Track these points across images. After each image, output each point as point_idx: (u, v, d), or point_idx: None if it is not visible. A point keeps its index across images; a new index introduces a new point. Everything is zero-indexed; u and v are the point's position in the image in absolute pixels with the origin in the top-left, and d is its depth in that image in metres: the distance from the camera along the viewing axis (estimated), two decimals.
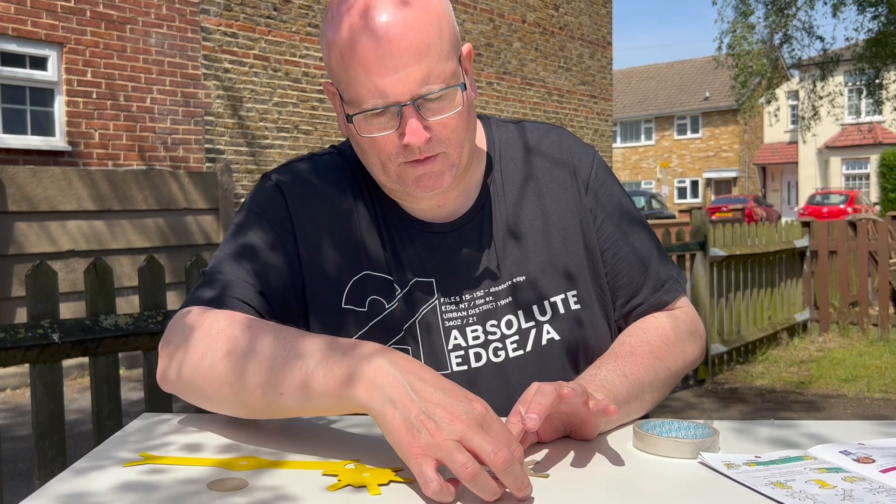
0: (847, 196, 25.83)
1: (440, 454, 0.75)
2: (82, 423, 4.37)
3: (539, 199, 1.16)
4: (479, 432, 0.76)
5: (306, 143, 9.40)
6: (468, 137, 1.05)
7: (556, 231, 1.14)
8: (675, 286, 1.19)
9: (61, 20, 7.25)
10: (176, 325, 0.99)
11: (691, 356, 1.16)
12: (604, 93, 14.92)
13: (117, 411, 2.27)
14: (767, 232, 6.27)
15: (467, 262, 1.11)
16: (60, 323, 2.11)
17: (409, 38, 0.96)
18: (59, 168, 6.48)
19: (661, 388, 1.09)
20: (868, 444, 0.90)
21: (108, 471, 0.83)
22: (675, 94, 38.13)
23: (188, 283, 2.43)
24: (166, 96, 8.09)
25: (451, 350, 1.09)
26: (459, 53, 1.04)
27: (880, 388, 5.05)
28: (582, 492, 0.78)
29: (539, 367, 1.10)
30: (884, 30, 14.14)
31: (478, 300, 1.10)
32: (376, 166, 1.05)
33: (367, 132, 1.01)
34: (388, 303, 1.09)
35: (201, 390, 0.94)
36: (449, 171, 1.04)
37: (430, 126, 1.00)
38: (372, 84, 0.97)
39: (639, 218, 1.21)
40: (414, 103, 0.97)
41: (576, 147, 1.20)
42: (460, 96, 1.01)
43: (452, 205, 1.13)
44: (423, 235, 1.11)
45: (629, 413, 1.01)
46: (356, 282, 1.09)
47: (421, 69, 0.96)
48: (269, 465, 0.85)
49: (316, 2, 9.54)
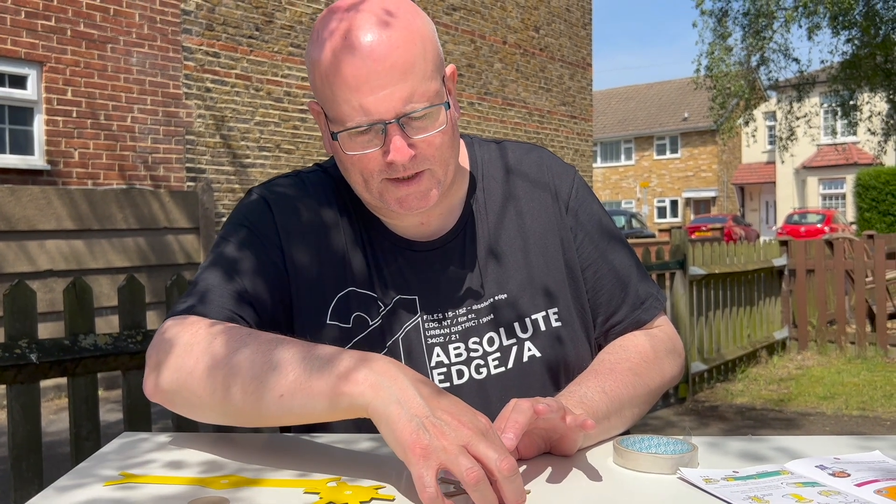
0: (824, 215, 26.15)
1: (444, 458, 0.75)
2: (59, 445, 4.31)
3: (520, 217, 1.17)
4: (484, 440, 0.77)
5: (288, 163, 9.40)
6: (452, 156, 1.07)
7: (537, 249, 1.16)
8: (654, 304, 1.20)
9: (41, 39, 7.23)
10: (161, 335, 0.99)
11: (670, 374, 1.17)
12: (584, 113, 15.05)
13: (95, 432, 2.24)
14: (746, 251, 6.33)
15: (450, 280, 1.12)
16: (38, 343, 2.09)
17: (393, 58, 0.97)
18: (38, 187, 6.43)
19: (640, 404, 1.10)
20: (843, 459, 0.92)
21: (89, 489, 0.83)
22: (654, 115, 38.52)
23: (168, 302, 2.42)
24: (147, 115, 8.06)
25: (434, 367, 1.09)
26: (443, 73, 1.05)
27: (858, 406, 5.09)
28: None
29: (520, 383, 1.11)
30: (857, 52, 14.39)
31: (460, 318, 1.11)
32: (360, 184, 1.05)
33: (352, 150, 1.01)
34: (371, 319, 1.09)
35: (187, 399, 0.94)
36: (435, 188, 1.05)
37: (415, 144, 1.01)
38: (357, 102, 0.98)
39: (619, 236, 1.22)
40: (398, 121, 0.99)
41: (556, 166, 1.21)
42: (444, 115, 1.02)
43: (436, 223, 1.14)
44: (406, 253, 1.12)
45: (609, 429, 1.02)
46: (341, 298, 1.09)
47: (405, 88, 0.98)
48: (249, 484, 0.84)
49: (298, 22, 9.58)
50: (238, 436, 1.03)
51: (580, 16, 14.84)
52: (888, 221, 22.45)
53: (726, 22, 15.37)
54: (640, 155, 38.20)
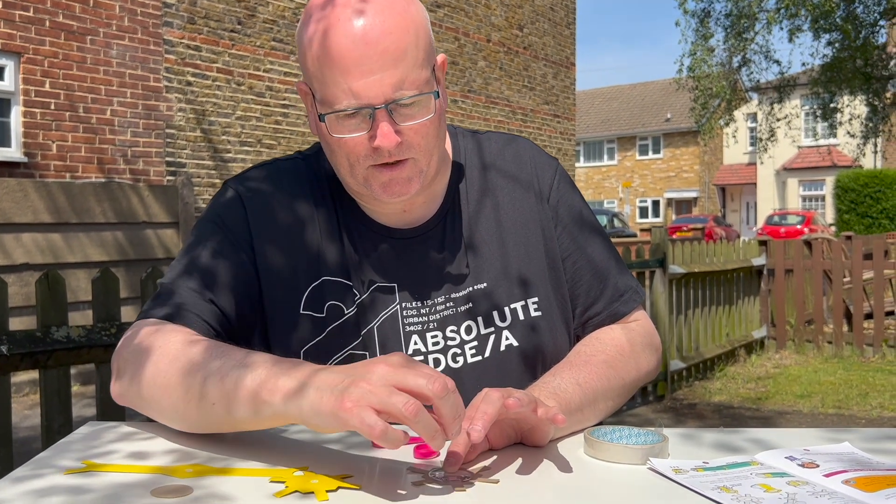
0: (804, 217, 26.39)
1: (375, 400, 0.74)
2: (34, 441, 4.25)
3: (501, 207, 1.17)
4: (407, 371, 0.77)
5: (269, 158, 9.35)
6: (437, 145, 1.06)
7: (517, 239, 1.16)
8: (633, 297, 1.20)
9: (19, 29, 7.14)
10: (128, 339, 1.00)
11: (646, 368, 1.17)
12: (567, 112, 15.09)
13: (68, 426, 2.22)
14: (725, 250, 6.37)
15: (430, 268, 1.12)
16: (10, 334, 2.06)
17: (385, 43, 0.96)
18: (15, 180, 6.35)
19: (614, 397, 1.09)
20: (813, 450, 0.92)
21: (48, 479, 0.81)
22: (636, 115, 38.70)
23: (144, 296, 2.39)
24: (127, 108, 7.99)
25: (411, 355, 1.08)
26: (434, 63, 1.05)
27: (834, 404, 5.14)
28: (532, 497, 0.78)
29: (497, 372, 1.10)
30: (838, 55, 14.53)
31: (438, 306, 1.11)
32: (344, 167, 1.05)
33: (338, 132, 1.01)
34: (347, 308, 1.09)
35: (152, 405, 0.95)
36: (417, 178, 1.04)
37: (402, 131, 1.00)
38: (346, 85, 0.97)
39: (599, 229, 1.22)
40: (387, 107, 0.98)
41: (538, 157, 1.21)
42: (433, 103, 1.02)
43: (418, 211, 1.13)
44: (386, 241, 1.12)
45: (581, 421, 1.02)
46: (315, 288, 1.09)
47: (396, 74, 0.97)
48: (214, 472, 0.83)
49: (281, 16, 9.53)
50: None
51: (564, 15, 14.87)
52: (866, 223, 22.69)
53: (708, 23, 15.44)
54: (622, 155, 38.37)
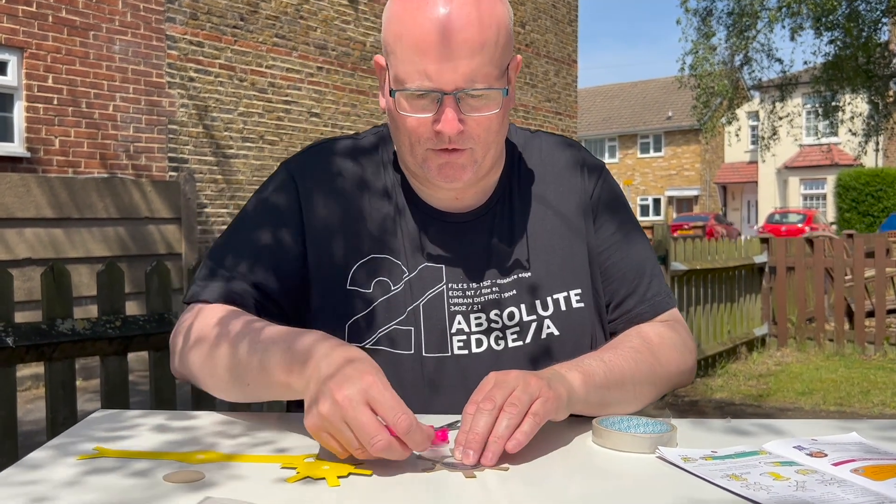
0: (805, 215, 26.36)
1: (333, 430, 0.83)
2: (36, 435, 4.26)
3: (549, 202, 1.20)
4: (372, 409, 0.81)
5: (272, 154, 9.35)
6: (497, 141, 1.09)
7: (563, 232, 1.18)
8: (667, 300, 1.22)
9: (22, 24, 7.13)
10: (182, 322, 1.09)
11: (678, 365, 1.17)
12: (569, 110, 15.08)
13: (72, 419, 2.22)
14: (727, 248, 6.37)
15: (477, 253, 1.15)
16: (15, 327, 2.06)
17: (467, 33, 0.99)
18: (18, 174, 6.35)
19: (646, 383, 1.09)
20: (821, 440, 0.92)
21: (62, 463, 0.81)
22: (638, 114, 38.66)
23: (148, 291, 2.39)
24: (129, 104, 7.99)
25: (454, 334, 1.12)
26: (509, 62, 1.08)
27: (835, 402, 5.14)
28: (541, 485, 0.79)
29: (535, 358, 1.13)
30: (840, 53, 14.50)
31: (484, 289, 1.14)
32: (405, 146, 1.08)
33: (405, 111, 1.04)
34: (394, 284, 1.12)
35: (200, 380, 1.05)
36: (471, 167, 1.08)
37: (465, 120, 1.03)
38: (422, 66, 1.00)
39: (639, 231, 1.25)
40: (455, 94, 1.01)
41: (588, 159, 1.25)
42: (500, 100, 1.05)
43: (470, 199, 1.17)
44: (437, 224, 1.15)
45: (608, 399, 1.02)
46: (361, 265, 1.12)
47: (471, 65, 1.00)
48: (226, 459, 0.84)
49: (283, 12, 9.52)
50: (216, 414, 1.02)
51: (566, 12, 14.86)
52: (868, 222, 22.70)
53: (710, 21, 15.43)
54: (623, 153, 38.34)
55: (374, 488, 0.76)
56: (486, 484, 0.78)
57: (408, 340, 1.10)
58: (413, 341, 1.10)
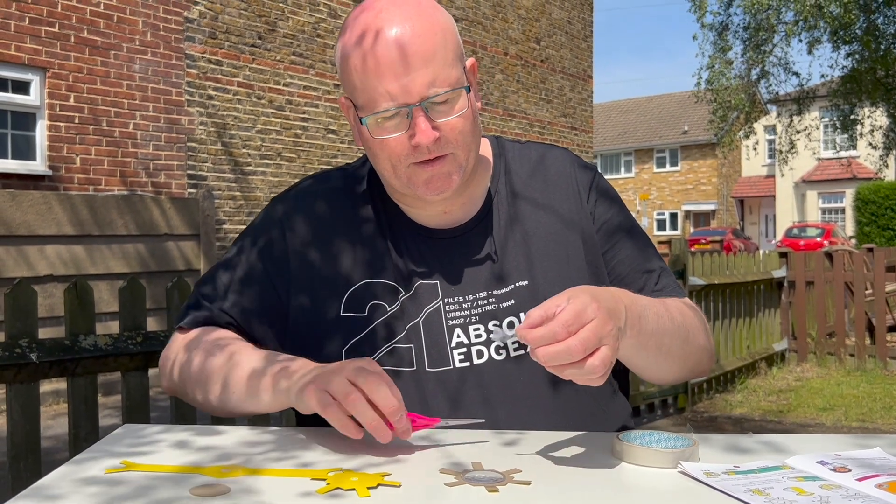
0: (823, 229, 26.15)
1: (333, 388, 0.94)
2: (56, 451, 4.29)
3: (541, 210, 1.21)
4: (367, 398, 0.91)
5: (289, 171, 9.41)
6: (474, 141, 1.12)
7: (558, 239, 1.19)
8: (678, 291, 1.23)
9: (45, 45, 7.25)
10: (170, 346, 1.20)
11: (702, 341, 1.18)
12: (584, 125, 15.09)
13: (94, 434, 2.24)
14: (745, 262, 6.33)
15: (471, 266, 1.16)
16: (39, 342, 2.09)
17: (416, 45, 1.04)
18: (39, 192, 6.43)
19: (676, 337, 1.09)
20: (844, 455, 0.92)
21: (90, 477, 0.83)
22: (654, 128, 38.60)
23: (169, 306, 2.41)
24: (149, 122, 8.08)
25: (454, 347, 1.13)
26: (464, 64, 1.12)
27: (857, 417, 5.08)
28: (563, 499, 0.79)
29: (538, 366, 1.12)
30: (858, 67, 14.44)
31: (481, 301, 1.15)
32: (387, 170, 1.11)
33: (379, 134, 1.08)
34: (389, 306, 1.14)
35: (188, 396, 1.15)
36: (457, 172, 1.10)
37: (438, 127, 1.06)
38: (383, 88, 1.05)
39: (638, 230, 1.26)
40: (422, 105, 1.05)
41: (578, 163, 1.26)
42: (464, 99, 1.08)
43: (458, 212, 1.18)
44: (428, 241, 1.17)
45: (645, 334, 1.00)
46: (354, 291, 1.15)
47: (428, 73, 1.04)
48: (252, 472, 0.84)
49: (300, 31, 9.62)
50: (239, 429, 1.03)
51: (581, 28, 14.89)
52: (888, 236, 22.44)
53: (727, 35, 15.43)
54: (639, 167, 38.25)
55: (405, 498, 0.77)
56: (509, 498, 0.79)
57: (409, 358, 1.12)
58: (414, 358, 1.12)
